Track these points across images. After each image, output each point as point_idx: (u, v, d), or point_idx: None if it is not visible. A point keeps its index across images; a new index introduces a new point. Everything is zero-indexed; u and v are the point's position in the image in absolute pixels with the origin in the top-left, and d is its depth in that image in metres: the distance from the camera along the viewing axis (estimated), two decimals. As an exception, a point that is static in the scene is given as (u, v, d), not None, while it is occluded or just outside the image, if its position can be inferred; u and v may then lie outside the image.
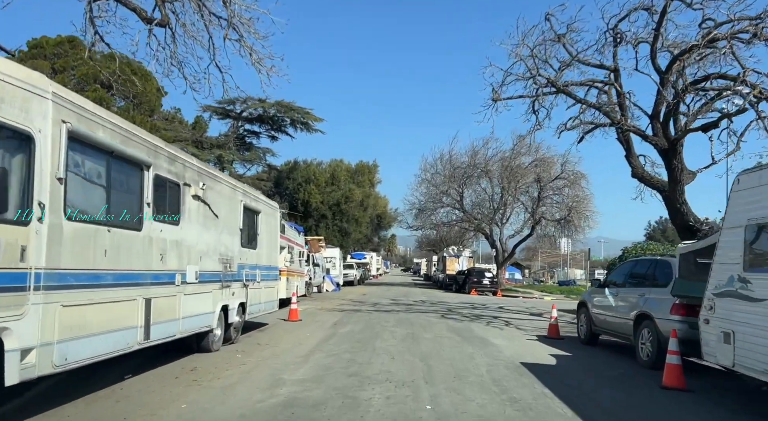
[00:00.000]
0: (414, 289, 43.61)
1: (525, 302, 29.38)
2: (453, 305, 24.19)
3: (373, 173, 55.69)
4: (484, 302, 28.07)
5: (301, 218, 49.00)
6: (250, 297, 11.71)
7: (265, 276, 13.04)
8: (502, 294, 37.20)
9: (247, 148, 45.14)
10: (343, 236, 49.59)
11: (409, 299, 28.67)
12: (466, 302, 27.42)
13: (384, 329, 14.21)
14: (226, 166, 40.44)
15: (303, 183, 48.57)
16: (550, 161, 41.53)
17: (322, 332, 13.41)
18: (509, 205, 45.66)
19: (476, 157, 44.15)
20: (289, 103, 43.86)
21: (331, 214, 48.88)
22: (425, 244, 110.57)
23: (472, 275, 37.82)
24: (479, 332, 14.17)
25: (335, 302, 24.29)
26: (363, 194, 50.44)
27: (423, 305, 23.81)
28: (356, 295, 30.94)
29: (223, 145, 42.37)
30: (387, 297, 29.28)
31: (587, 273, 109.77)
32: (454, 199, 45.67)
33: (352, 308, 20.77)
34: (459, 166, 44.99)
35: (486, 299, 31.77)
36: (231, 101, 43.32)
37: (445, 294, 35.84)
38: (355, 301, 25.45)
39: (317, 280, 29.76)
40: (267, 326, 14.56)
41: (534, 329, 15.12)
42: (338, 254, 37.01)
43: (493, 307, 23.95)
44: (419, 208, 46.40)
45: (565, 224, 39.66)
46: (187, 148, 38.48)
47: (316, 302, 24.49)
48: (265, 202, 13.55)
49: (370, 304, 23.63)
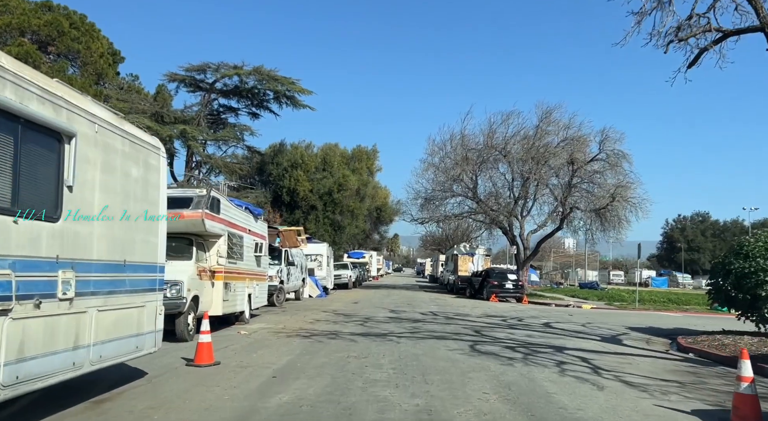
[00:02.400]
0: (419, 293, 36.40)
1: (567, 313, 22.14)
2: (478, 322, 16.99)
3: (372, 160, 48.45)
4: (517, 314, 20.83)
5: (286, 209, 41.84)
6: (29, 336, 4.59)
7: (107, 286, 5.90)
8: (528, 301, 30.04)
9: (221, 125, 38.01)
10: (336, 231, 42.37)
11: (415, 309, 21.47)
12: (493, 314, 20.20)
13: (366, 393, 7.01)
14: (191, 143, 33.31)
15: (289, 168, 41.39)
16: (583, 140, 34.29)
17: (228, 405, 6.23)
18: (532, 194, 38.42)
19: (493, 138, 36.89)
20: (270, 71, 36.82)
21: (321, 204, 41.67)
22: (430, 242, 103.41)
23: (492, 278, 30.60)
24: (565, 399, 6.93)
25: (310, 316, 17.10)
26: (360, 182, 43.19)
27: (435, 322, 16.60)
28: (345, 303, 23.77)
29: (190, 121, 35.26)
30: (385, 306, 22.09)
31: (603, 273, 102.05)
32: (467, 187, 38.40)
33: (328, 330, 13.59)
34: (473, 148, 37.74)
35: (513, 308, 24.55)
36: (201, 68, 36.37)
37: (458, 301, 28.62)
38: (340, 313, 18.28)
39: (293, 283, 22.60)
40: (142, 378, 7.41)
41: (658, 382, 7.92)
42: (326, 251, 29.85)
43: (535, 324, 16.71)
44: (425, 198, 39.15)
45: (605, 214, 32.37)
46: (141, 122, 31.43)
47: (284, 315, 17.31)
48: (108, 118, 6.27)
49: (358, 319, 16.45)
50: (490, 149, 36.76)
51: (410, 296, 31.50)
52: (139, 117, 31.64)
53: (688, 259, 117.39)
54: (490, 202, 38.17)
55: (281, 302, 20.69)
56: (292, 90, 38.00)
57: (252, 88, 38.50)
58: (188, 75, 36.37)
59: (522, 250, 38.62)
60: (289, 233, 22.75)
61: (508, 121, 36.08)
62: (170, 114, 34.40)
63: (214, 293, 12.23)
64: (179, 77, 36.15)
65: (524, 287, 31.13)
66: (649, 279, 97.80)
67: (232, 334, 12.52)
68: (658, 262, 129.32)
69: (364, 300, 26.41)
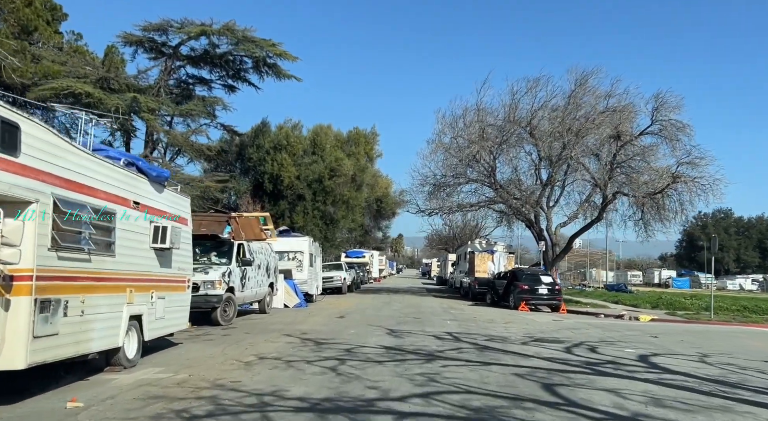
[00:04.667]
0: (427, 300, 29.84)
1: (636, 330, 15.51)
2: (528, 354, 10.40)
3: (372, 144, 41.82)
4: (575, 335, 14.23)
5: (269, 199, 35.33)
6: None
7: None
8: (566, 309, 23.53)
9: (185, 95, 31.53)
10: (328, 225, 35.79)
11: (424, 327, 14.91)
12: (541, 335, 13.59)
13: None
14: (145, 115, 26.84)
15: (271, 150, 34.84)
16: (629, 110, 27.70)
17: None
18: (561, 179, 31.93)
19: (516, 111, 30.34)
20: (244, 30, 30.30)
21: (310, 193, 35.07)
22: (436, 241, 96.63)
23: (521, 281, 24.01)
24: None
25: (257, 347, 10.58)
26: (356, 167, 36.57)
27: (461, 360, 10.01)
28: (328, 316, 17.25)
29: (147, 90, 28.83)
30: (381, 322, 15.52)
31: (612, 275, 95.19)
32: (484, 171, 31.85)
33: (262, 387, 7.07)
34: (491, 124, 31.22)
35: (558, 322, 17.94)
36: (161, 27, 29.93)
37: (480, 311, 22.04)
38: (309, 339, 11.74)
39: (252, 291, 16.08)
40: None
41: None
42: (309, 247, 23.27)
43: (627, 360, 10.12)
44: (434, 184, 32.59)
45: (662, 200, 25.72)
46: (77, 88, 25.06)
47: (213, 345, 10.76)
48: None
49: (333, 354, 9.89)
50: (512, 125, 30.19)
51: (416, 304, 24.94)
52: (76, 83, 25.28)
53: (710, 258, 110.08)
54: (512, 189, 31.59)
55: (229, 318, 14.19)
56: (273, 55, 31.51)
57: (225, 55, 32.01)
58: (146, 36, 29.91)
59: (550, 246, 32.10)
60: (246, 220, 16.28)
61: (535, 89, 29.52)
62: (120, 80, 27.94)
63: (7, 323, 5.76)
64: (135, 38, 29.67)
65: (561, 293, 24.55)
66: (670, 280, 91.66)
67: (46, 406, 6.04)
68: (677, 261, 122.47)
69: (356, 311, 19.88)
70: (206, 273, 13.69)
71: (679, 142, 25.88)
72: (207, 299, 13.53)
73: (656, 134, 26.83)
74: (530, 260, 46.10)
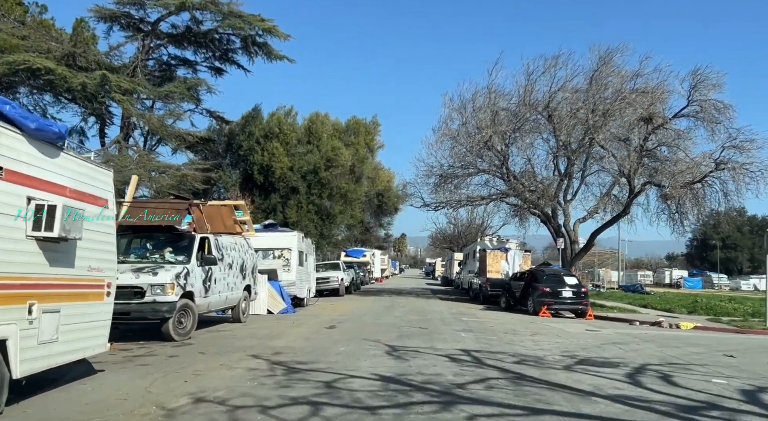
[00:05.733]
0: (433, 303, 26.80)
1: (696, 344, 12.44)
2: (569, 379, 7.36)
3: (373, 134, 38.69)
4: (622, 353, 11.15)
5: (259, 192, 32.31)
6: None
7: None
8: (593, 315, 20.51)
9: (167, 79, 28.51)
10: (324, 221, 32.70)
11: (434, 342, 11.84)
12: (583, 354, 10.49)
13: None
14: (116, 95, 23.82)
15: (262, 139, 31.77)
16: (662, 90, 24.58)
17: None
18: (580, 170, 29.00)
19: (532, 93, 27.29)
20: (230, 4, 27.32)
21: (305, 186, 31.97)
22: (440, 240, 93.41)
23: (541, 282, 20.94)
24: None
25: (205, 376, 7.51)
26: (355, 158, 33.46)
27: (492, 402, 6.97)
28: (315, 327, 14.20)
29: (119, 70, 25.84)
30: (380, 336, 12.45)
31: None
32: (496, 161, 28.81)
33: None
34: (504, 109, 28.16)
35: (593, 332, 14.85)
36: (138, 0, 26.88)
37: (497, 318, 18.97)
38: (280, 364, 8.68)
39: (220, 296, 13.04)
40: None
41: None
42: (297, 243, 20.19)
43: (713, 393, 7.09)
44: (441, 175, 29.51)
45: (701, 190, 22.61)
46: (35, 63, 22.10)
47: (146, 370, 7.65)
48: None
49: (307, 390, 6.85)
50: (527, 109, 27.13)
51: (422, 309, 21.89)
52: (35, 58, 22.29)
53: (723, 257, 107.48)
54: (526, 181, 28.50)
55: (186, 331, 11.16)
56: (262, 31, 28.51)
57: (210, 32, 29.04)
58: (121, 10, 26.91)
59: (569, 244, 29.05)
60: (214, 209, 13.28)
61: (554, 68, 26.43)
62: (89, 57, 24.93)
63: None
64: (108, 13, 26.64)
65: (588, 296, 21.47)
66: (681, 280, 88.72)
67: None
68: (688, 261, 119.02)
69: (352, 318, 16.84)
70: (155, 274, 10.67)
71: (719, 125, 22.77)
72: (155, 307, 10.51)
73: (693, 117, 23.72)
74: (536, 260, 42.89)
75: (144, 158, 23.49)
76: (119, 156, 23.30)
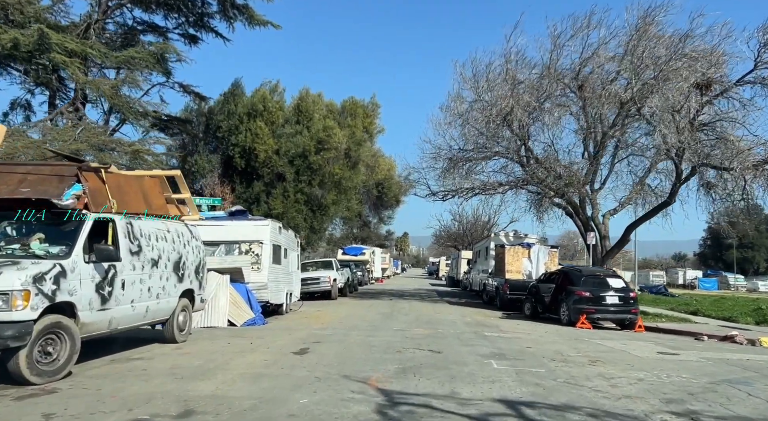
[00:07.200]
0: (441, 307, 22.55)
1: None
2: None
3: (372, 117, 34.33)
4: (756, 402, 6.92)
5: (240, 179, 28.06)
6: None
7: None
8: (644, 327, 16.33)
9: (131, 46, 24.26)
10: (314, 212, 28.38)
11: (454, 378, 7.62)
12: (691, 401, 6.26)
13: None
14: (59, 56, 19.59)
15: (245, 117, 27.51)
16: (719, 52, 20.30)
17: None
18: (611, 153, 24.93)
19: (558, 61, 23.12)
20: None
21: (292, 172, 27.68)
22: (444, 238, 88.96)
23: (578, 285, 16.68)
24: None
25: None
26: (351, 140, 29.15)
27: None
28: (275, 353, 9.95)
29: (64, 29, 21.64)
30: (370, 369, 8.23)
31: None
32: (516, 141, 24.60)
33: None
34: (524, 81, 23.91)
35: (672, 354, 10.63)
36: (91, -51, 22.65)
37: (523, 329, 14.69)
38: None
39: (140, 306, 8.78)
40: None
41: None
42: (271, 234, 15.90)
43: None
44: (450, 159, 25.25)
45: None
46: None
47: None
48: None
49: None
50: (552, 81, 22.91)
51: (429, 318, 17.66)
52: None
53: (739, 257, 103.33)
54: (549, 166, 24.23)
55: (57, 368, 6.92)
56: (241, -11, 24.32)
57: (181, -8, 24.90)
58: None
59: (599, 239, 24.87)
60: (126, 179, 9.09)
61: (587, 29, 22.19)
62: (26, 12, 20.70)
63: None
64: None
65: (637, 303, 17.21)
66: (696, 280, 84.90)
67: None
68: (702, 261, 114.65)
69: (336, 334, 12.57)
70: (-5, 275, 6.45)
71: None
72: None
73: (760, 83, 19.43)
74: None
75: (90, 132, 19.23)
76: (59, 129, 19.09)
